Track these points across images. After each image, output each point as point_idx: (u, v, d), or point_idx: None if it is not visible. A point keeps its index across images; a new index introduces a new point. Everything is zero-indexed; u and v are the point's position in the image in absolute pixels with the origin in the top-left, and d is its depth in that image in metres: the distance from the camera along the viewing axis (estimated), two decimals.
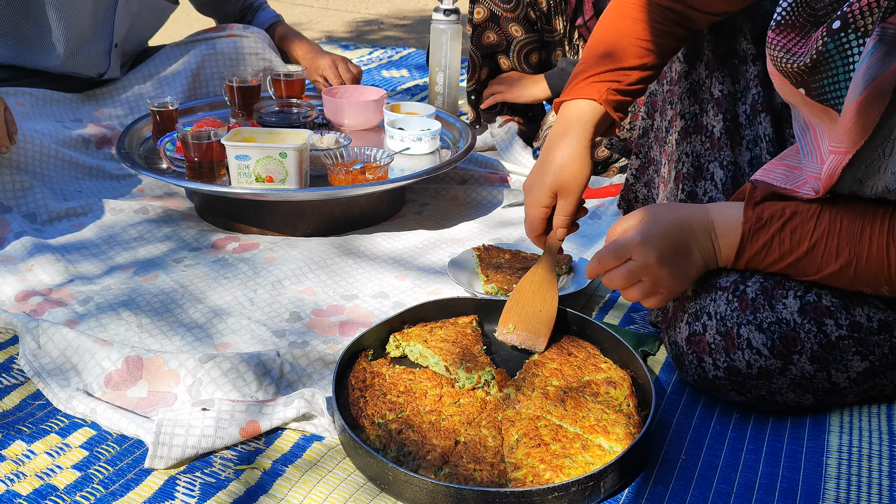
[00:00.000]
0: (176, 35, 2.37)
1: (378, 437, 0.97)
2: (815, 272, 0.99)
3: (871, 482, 0.96)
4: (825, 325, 1.00)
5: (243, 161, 1.46)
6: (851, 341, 1.00)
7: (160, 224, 1.60)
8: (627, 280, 1.05)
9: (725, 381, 1.05)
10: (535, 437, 0.96)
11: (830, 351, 1.00)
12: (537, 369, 1.09)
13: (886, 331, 1.00)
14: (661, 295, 1.06)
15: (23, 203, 1.61)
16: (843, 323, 1.00)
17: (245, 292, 1.36)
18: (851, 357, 1.00)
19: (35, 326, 1.18)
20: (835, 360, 1.00)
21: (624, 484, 0.95)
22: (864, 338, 1.00)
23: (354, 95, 1.90)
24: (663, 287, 1.05)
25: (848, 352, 1.00)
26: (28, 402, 1.09)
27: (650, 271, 1.03)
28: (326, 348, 1.19)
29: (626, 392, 1.05)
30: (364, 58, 3.11)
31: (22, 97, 1.89)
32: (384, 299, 1.36)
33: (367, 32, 4.31)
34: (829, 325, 1.00)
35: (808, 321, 1.00)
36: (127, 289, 1.35)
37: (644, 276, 1.04)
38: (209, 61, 2.12)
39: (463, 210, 1.73)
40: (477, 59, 2.00)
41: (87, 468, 0.97)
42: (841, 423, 1.07)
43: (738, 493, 0.95)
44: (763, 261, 1.03)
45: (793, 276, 1.02)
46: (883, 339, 1.00)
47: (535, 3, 1.94)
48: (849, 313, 1.00)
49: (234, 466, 0.98)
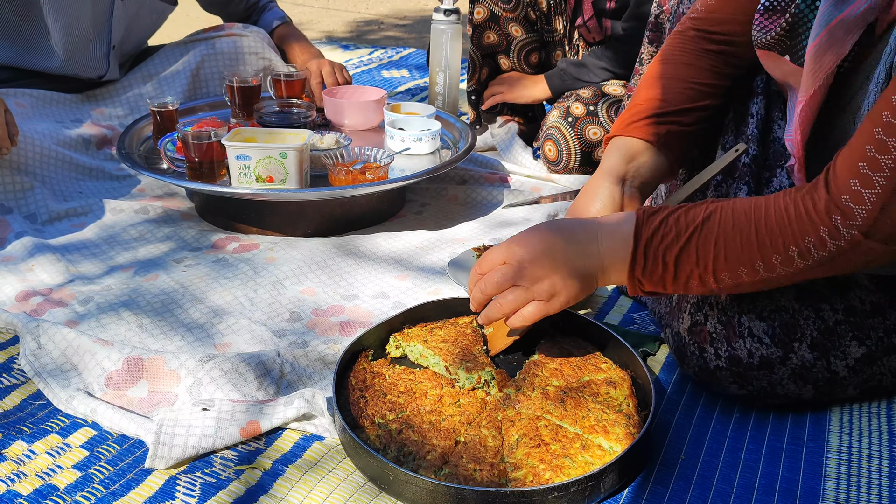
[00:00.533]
0: (176, 35, 2.37)
1: (378, 438, 0.97)
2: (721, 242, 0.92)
3: (870, 482, 0.96)
4: (822, 310, 1.01)
5: (244, 161, 1.46)
6: (848, 326, 1.01)
7: (160, 224, 1.60)
8: (499, 285, 0.99)
9: (727, 372, 1.05)
10: (535, 437, 0.96)
11: (829, 337, 1.01)
12: (537, 369, 1.10)
13: (879, 313, 1.02)
14: (544, 301, 0.98)
15: (23, 204, 1.61)
16: (839, 307, 1.01)
17: (245, 292, 1.36)
18: (849, 343, 1.02)
19: (35, 326, 1.18)
20: (833, 346, 1.02)
21: (624, 484, 0.96)
22: (859, 321, 1.01)
23: (355, 96, 1.90)
24: (544, 287, 0.97)
25: (845, 337, 1.01)
26: (29, 402, 1.09)
27: (524, 273, 0.97)
28: (327, 348, 1.20)
29: (625, 392, 1.05)
30: (364, 58, 3.11)
31: (22, 98, 1.89)
32: (384, 299, 1.36)
33: (367, 32, 4.31)
34: (825, 311, 1.01)
35: (805, 307, 1.01)
36: (127, 289, 1.35)
37: (520, 280, 0.98)
38: (209, 61, 2.12)
39: (463, 210, 1.73)
40: (477, 59, 2.00)
41: (87, 468, 0.97)
42: (841, 423, 1.07)
43: (738, 493, 0.95)
44: (662, 242, 0.95)
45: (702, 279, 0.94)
46: (877, 322, 1.02)
47: (534, 3, 1.94)
48: (843, 297, 1.02)
49: (235, 466, 0.98)
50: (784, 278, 0.92)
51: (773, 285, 0.95)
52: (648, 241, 0.95)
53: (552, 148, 1.85)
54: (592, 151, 1.83)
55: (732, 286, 0.95)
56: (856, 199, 0.82)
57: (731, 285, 0.94)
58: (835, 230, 0.84)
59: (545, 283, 0.98)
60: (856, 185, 0.82)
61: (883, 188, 0.80)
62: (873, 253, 0.84)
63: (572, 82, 1.93)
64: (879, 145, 0.80)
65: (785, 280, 0.92)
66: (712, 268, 0.93)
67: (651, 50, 1.36)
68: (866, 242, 0.83)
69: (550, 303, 0.99)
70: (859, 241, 0.83)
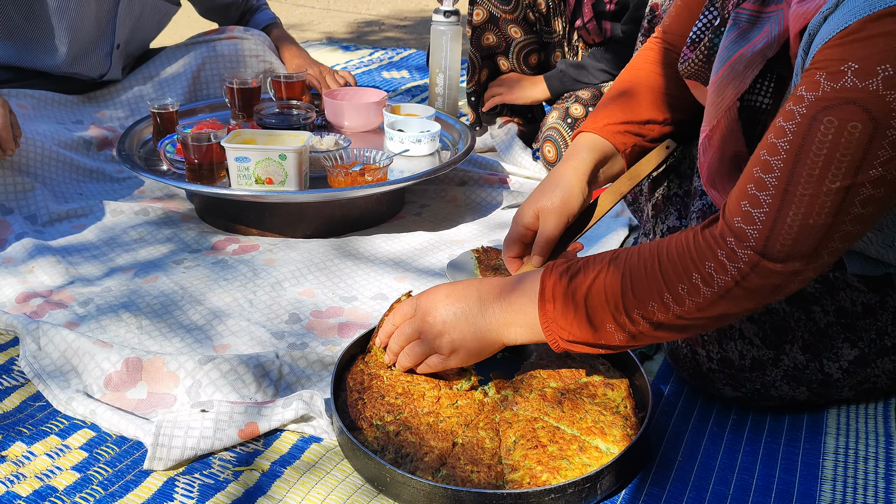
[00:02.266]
0: (178, 37, 2.38)
1: (376, 439, 0.97)
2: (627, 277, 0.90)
3: (867, 484, 0.96)
4: (812, 311, 1.01)
5: (243, 163, 1.46)
6: (840, 327, 1.01)
7: (160, 226, 1.61)
8: (407, 338, 1.02)
9: (719, 374, 1.05)
10: (532, 439, 0.97)
11: (821, 339, 1.02)
12: (535, 371, 1.10)
13: (870, 315, 1.02)
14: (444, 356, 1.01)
15: (24, 205, 1.62)
16: (830, 308, 1.01)
17: (244, 294, 1.36)
18: (841, 344, 1.02)
19: (35, 328, 1.19)
20: (825, 348, 1.02)
21: (621, 486, 0.96)
22: (850, 323, 1.01)
23: (355, 97, 1.91)
24: (443, 343, 0.99)
25: (837, 338, 1.02)
26: (28, 403, 1.10)
27: (426, 328, 1.00)
28: (325, 350, 1.20)
29: (623, 394, 1.05)
30: (365, 59, 3.11)
31: (24, 99, 1.89)
32: (383, 301, 1.36)
33: (367, 33, 4.32)
34: (816, 312, 1.01)
35: (796, 309, 1.02)
36: (127, 290, 1.36)
37: (423, 335, 1.01)
38: (209, 63, 2.12)
39: (462, 211, 1.74)
40: (476, 60, 2.00)
41: (86, 469, 0.97)
42: (838, 424, 1.07)
43: (735, 494, 0.95)
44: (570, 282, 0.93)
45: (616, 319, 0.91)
46: (869, 324, 1.02)
47: (534, 4, 1.94)
48: (833, 298, 1.02)
49: (233, 468, 0.98)
50: (700, 319, 0.88)
51: (692, 330, 0.91)
52: (556, 282, 0.94)
53: (551, 149, 1.86)
54: None
55: (650, 329, 0.90)
56: (746, 220, 0.83)
57: (648, 328, 0.90)
58: (731, 252, 0.83)
59: (444, 339, 1.00)
60: (746, 206, 0.83)
61: (770, 206, 0.81)
62: (776, 275, 0.83)
63: (571, 84, 1.93)
64: (764, 166, 0.81)
65: (701, 319, 0.88)
66: (623, 306, 0.90)
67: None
68: (763, 263, 0.82)
69: (450, 358, 1.01)
70: (756, 261, 0.82)
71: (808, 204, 0.79)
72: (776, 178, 0.80)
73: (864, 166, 0.76)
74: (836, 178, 0.77)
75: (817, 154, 0.77)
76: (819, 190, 0.78)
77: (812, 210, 0.79)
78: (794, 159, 0.79)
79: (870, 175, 0.76)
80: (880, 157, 0.76)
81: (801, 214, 0.79)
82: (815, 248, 0.81)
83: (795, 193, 0.79)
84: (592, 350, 0.95)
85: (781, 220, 0.81)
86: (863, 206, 0.78)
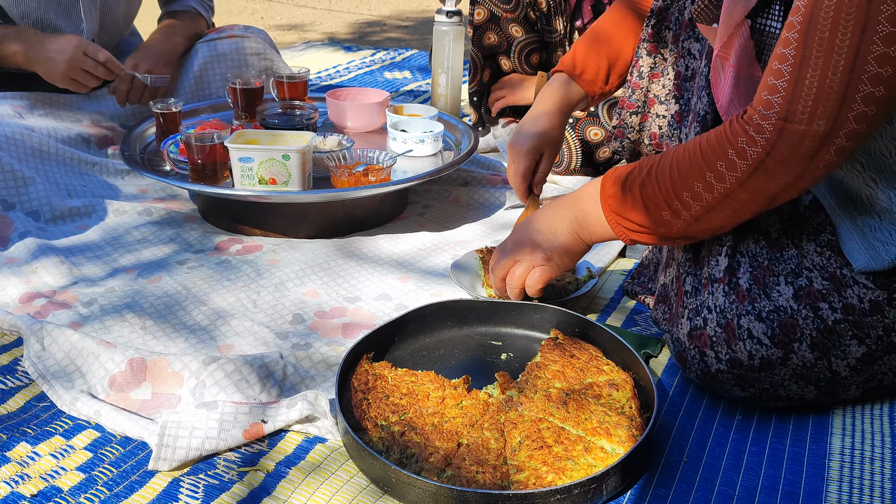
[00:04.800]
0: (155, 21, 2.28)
1: (381, 440, 0.97)
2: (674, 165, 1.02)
3: (873, 485, 0.96)
4: (820, 309, 1.02)
5: (246, 163, 1.46)
6: (847, 325, 1.02)
7: (164, 226, 1.60)
8: (505, 266, 1.22)
9: (728, 375, 1.05)
10: (537, 440, 0.96)
11: (829, 336, 1.02)
12: (539, 371, 1.10)
13: (878, 311, 1.02)
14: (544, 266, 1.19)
15: (25, 199, 1.60)
16: (837, 306, 1.02)
17: (248, 294, 1.36)
18: (849, 342, 1.02)
19: (39, 328, 1.19)
20: (833, 346, 1.02)
21: (626, 486, 0.96)
22: (858, 320, 1.02)
23: (358, 98, 1.91)
24: (538, 256, 1.18)
25: (845, 336, 1.02)
26: (32, 404, 1.09)
27: (519, 251, 1.20)
28: (329, 350, 1.20)
29: (628, 394, 1.05)
30: (367, 59, 3.11)
31: (20, 100, 1.88)
32: (387, 301, 1.36)
33: (369, 34, 4.32)
34: (824, 310, 1.02)
35: (804, 307, 1.02)
36: (130, 291, 1.36)
37: (518, 257, 1.20)
38: (212, 63, 2.11)
39: (465, 212, 1.74)
40: (478, 60, 2.00)
41: (91, 470, 0.97)
42: (843, 425, 1.07)
43: (741, 495, 0.95)
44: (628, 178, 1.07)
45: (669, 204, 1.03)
46: (876, 321, 1.02)
47: (534, 3, 1.94)
48: (840, 295, 1.02)
49: (238, 468, 0.98)
50: (743, 193, 0.97)
51: (740, 214, 1.00)
52: (614, 181, 1.09)
53: None
54: (594, 152, 1.83)
55: (702, 212, 1.00)
56: (771, 91, 0.92)
57: (699, 210, 1.00)
58: (758, 126, 0.93)
59: (538, 252, 1.18)
60: (770, 80, 0.92)
61: (790, 74, 0.90)
62: (803, 139, 0.90)
63: None
64: (783, 42, 0.91)
65: (745, 195, 0.97)
66: (672, 189, 1.01)
67: (647, 47, 1.36)
68: (788, 126, 0.91)
69: (550, 265, 1.19)
70: (780, 126, 0.91)
71: (823, 64, 0.87)
72: (794, 49, 0.89)
73: (871, 22, 0.84)
74: (844, 36, 0.85)
75: (825, 18, 0.86)
76: (831, 50, 0.86)
77: (827, 69, 0.87)
78: (806, 27, 0.88)
79: (878, 31, 0.84)
80: (884, 13, 0.83)
81: (819, 75, 0.88)
82: (838, 107, 0.88)
83: (810, 58, 0.88)
84: (657, 241, 1.08)
85: (800, 84, 0.89)
86: (879, 65, 0.85)
